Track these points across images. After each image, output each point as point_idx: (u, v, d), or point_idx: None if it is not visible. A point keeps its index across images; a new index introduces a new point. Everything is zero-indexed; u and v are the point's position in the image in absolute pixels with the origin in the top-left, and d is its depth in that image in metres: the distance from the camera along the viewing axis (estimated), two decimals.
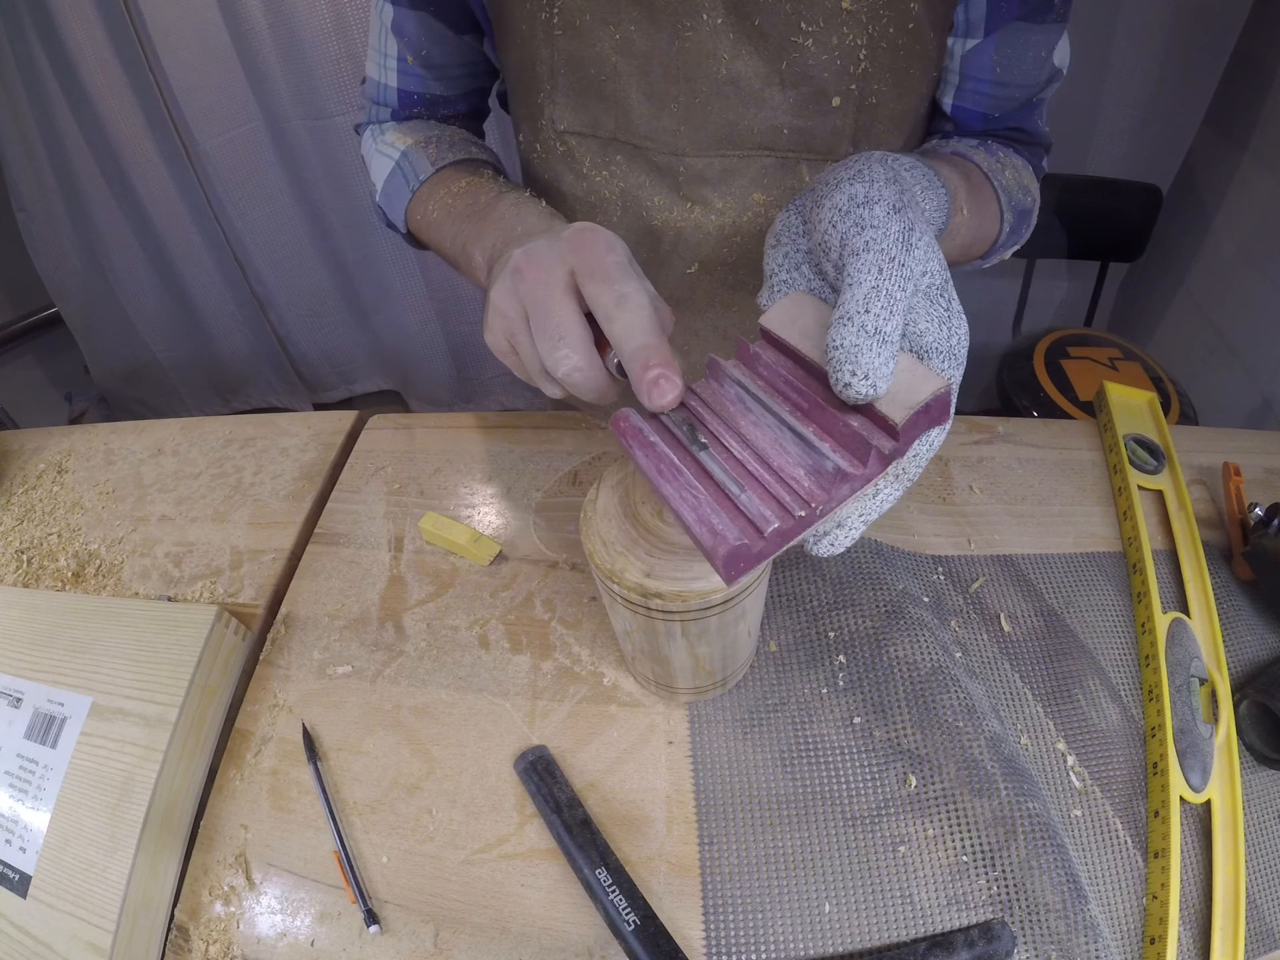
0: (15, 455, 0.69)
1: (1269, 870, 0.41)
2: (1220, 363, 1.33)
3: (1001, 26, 0.46)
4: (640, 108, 0.49)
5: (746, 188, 0.52)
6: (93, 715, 0.43)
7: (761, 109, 0.48)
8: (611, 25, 0.46)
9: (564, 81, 0.50)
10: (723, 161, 0.51)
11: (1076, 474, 0.59)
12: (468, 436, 0.64)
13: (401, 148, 0.55)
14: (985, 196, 0.48)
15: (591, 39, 0.47)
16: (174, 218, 1.60)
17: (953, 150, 0.51)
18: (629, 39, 0.47)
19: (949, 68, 0.50)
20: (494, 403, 1.96)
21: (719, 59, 0.46)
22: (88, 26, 1.33)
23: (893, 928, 0.37)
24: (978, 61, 0.48)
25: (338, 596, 0.53)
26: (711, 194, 0.52)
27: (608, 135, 0.52)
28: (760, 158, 0.50)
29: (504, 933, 0.38)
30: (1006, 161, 0.52)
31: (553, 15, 0.47)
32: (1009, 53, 0.48)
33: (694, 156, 0.51)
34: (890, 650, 0.46)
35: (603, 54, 0.47)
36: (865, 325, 0.25)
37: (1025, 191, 0.53)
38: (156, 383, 1.92)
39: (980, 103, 0.51)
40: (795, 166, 0.51)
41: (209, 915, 0.40)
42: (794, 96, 0.48)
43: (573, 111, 0.51)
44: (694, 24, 0.45)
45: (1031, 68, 0.49)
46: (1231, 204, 1.32)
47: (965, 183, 0.45)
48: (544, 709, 0.46)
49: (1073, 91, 1.32)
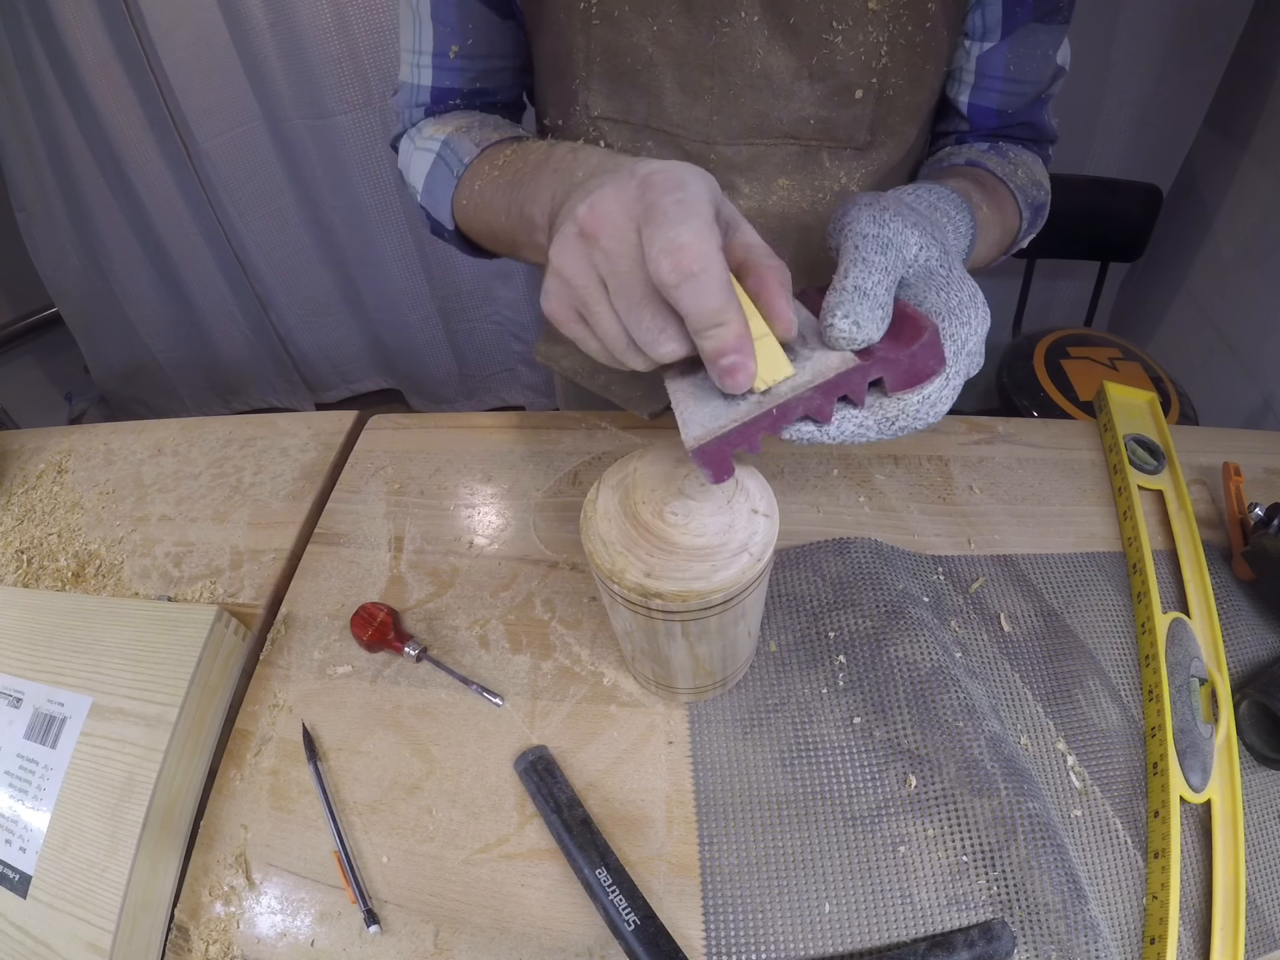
0: (15, 455, 0.69)
1: (1269, 870, 0.41)
2: (1220, 363, 1.33)
3: (1016, 29, 0.49)
4: (674, 97, 0.51)
5: (772, 173, 0.54)
6: (93, 715, 0.43)
7: (790, 101, 0.50)
8: (649, 17, 0.48)
9: (599, 69, 0.51)
10: (751, 149, 0.53)
11: (1076, 474, 0.59)
12: (468, 436, 0.64)
13: (441, 137, 0.52)
14: (1001, 198, 0.51)
15: (629, 29, 0.48)
16: (174, 218, 1.60)
17: (967, 160, 0.54)
18: (666, 31, 0.48)
19: (965, 68, 0.53)
20: (496, 399, 1.96)
21: (754, 53, 0.48)
22: (88, 26, 1.33)
23: (893, 928, 0.37)
24: (993, 61, 0.51)
25: (338, 596, 0.53)
26: (739, 179, 0.54)
27: (640, 122, 0.53)
28: (786, 145, 0.53)
29: (504, 933, 0.38)
30: (1018, 161, 0.55)
31: (590, 5, 0.48)
32: (1021, 51, 0.51)
33: (724, 145, 0.52)
34: (890, 650, 0.46)
35: (639, 44, 0.49)
36: (845, 286, 0.29)
37: (1038, 186, 0.56)
38: (156, 383, 1.92)
39: (994, 100, 0.54)
40: (817, 154, 0.53)
41: (209, 915, 0.40)
42: (821, 89, 0.50)
43: (606, 98, 0.53)
44: (732, 20, 0.47)
45: (1040, 65, 0.52)
46: (1231, 204, 1.32)
47: (978, 189, 0.48)
48: (544, 709, 0.46)
49: (1073, 91, 1.31)
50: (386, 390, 2.02)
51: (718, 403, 0.29)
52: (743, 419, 0.28)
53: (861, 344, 0.29)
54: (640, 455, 0.36)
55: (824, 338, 0.29)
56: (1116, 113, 1.35)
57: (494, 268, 1.67)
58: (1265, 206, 1.22)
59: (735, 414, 0.28)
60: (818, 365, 0.29)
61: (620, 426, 0.64)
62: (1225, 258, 1.33)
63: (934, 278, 0.32)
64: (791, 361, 0.29)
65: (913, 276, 0.33)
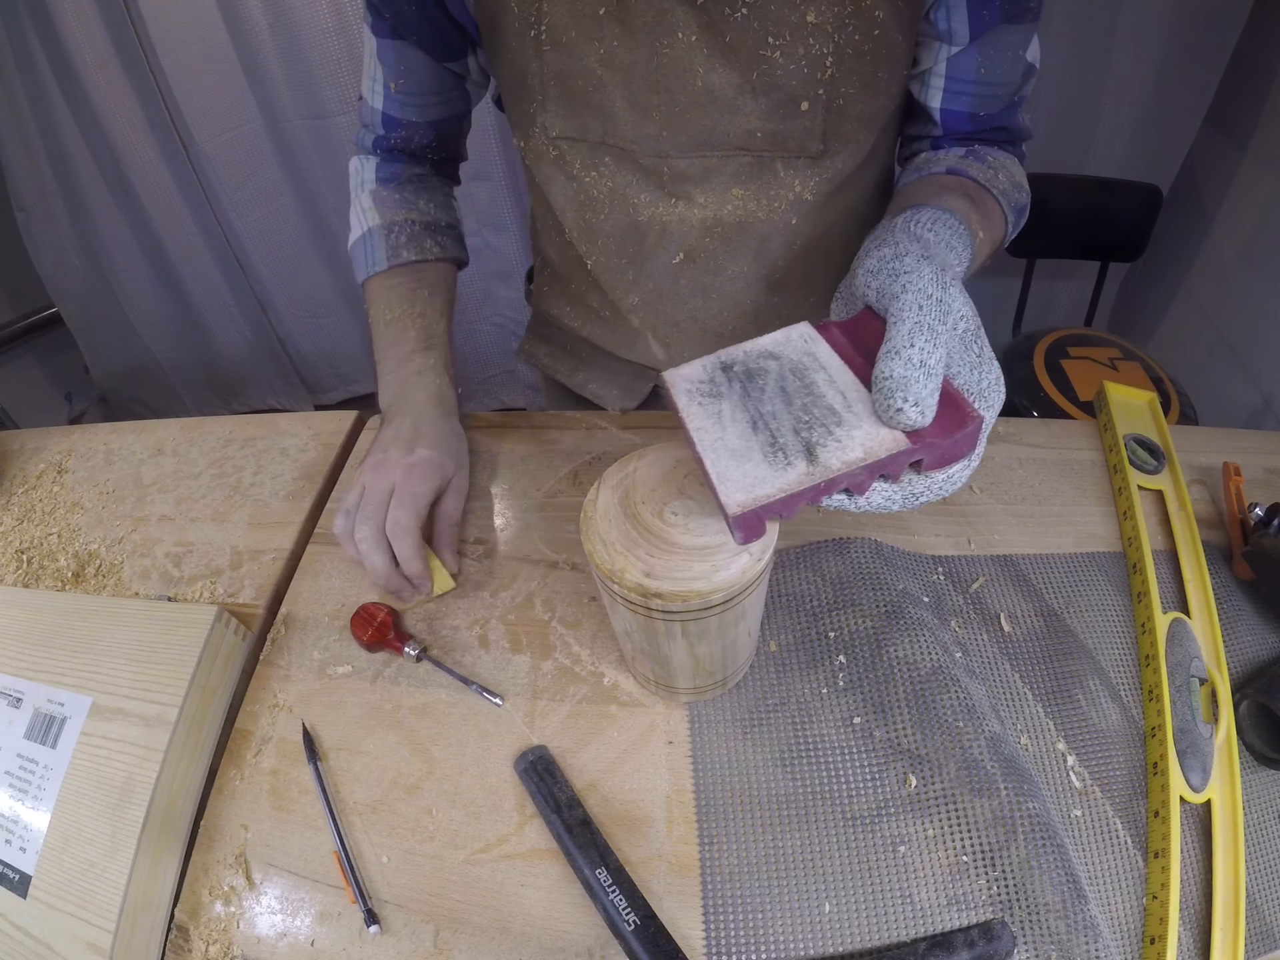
0: (15, 455, 0.69)
1: (1269, 870, 0.41)
2: (1220, 363, 1.33)
3: (985, 32, 0.48)
4: (625, 115, 0.52)
5: (726, 183, 0.55)
6: (93, 715, 0.43)
7: (736, 115, 0.51)
8: (595, 41, 0.49)
9: (554, 92, 0.52)
10: (703, 161, 0.54)
11: (1076, 474, 0.59)
12: (468, 436, 0.64)
13: (369, 225, 0.63)
14: (989, 208, 0.51)
15: (577, 53, 0.50)
16: (174, 218, 1.60)
17: (948, 168, 0.53)
18: (612, 53, 0.49)
19: (935, 72, 0.52)
20: (495, 400, 1.96)
21: (694, 72, 0.49)
22: (88, 26, 1.33)
23: (893, 928, 0.37)
24: (963, 65, 0.51)
25: (338, 596, 0.53)
26: (694, 190, 0.55)
27: (596, 139, 0.54)
28: (737, 157, 0.53)
29: (504, 933, 0.38)
30: (997, 164, 0.54)
31: (540, 32, 0.49)
32: (991, 53, 0.50)
33: (676, 158, 0.53)
34: (890, 650, 0.46)
35: (588, 67, 0.50)
36: (911, 358, 0.27)
37: (1019, 189, 0.55)
38: (156, 383, 1.92)
39: (966, 103, 0.53)
40: (770, 163, 0.54)
41: (209, 915, 0.40)
42: (765, 103, 0.50)
43: (563, 119, 0.54)
44: (670, 41, 0.48)
45: (1010, 65, 0.51)
46: (1231, 204, 1.32)
47: (971, 205, 0.47)
48: (544, 709, 0.46)
49: (1073, 91, 1.32)
50: None
51: (760, 465, 0.28)
52: (790, 490, 0.27)
53: (918, 427, 0.28)
54: (640, 455, 0.36)
55: (880, 413, 0.28)
56: (1116, 113, 1.35)
57: (493, 268, 1.67)
58: (1265, 206, 1.22)
59: (783, 483, 0.27)
60: (869, 442, 0.28)
61: (620, 427, 0.64)
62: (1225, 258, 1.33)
63: (968, 351, 0.31)
64: (836, 426, 0.28)
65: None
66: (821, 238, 0.59)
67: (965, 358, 0.31)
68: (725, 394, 0.30)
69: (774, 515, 0.27)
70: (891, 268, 0.31)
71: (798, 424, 0.29)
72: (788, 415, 0.29)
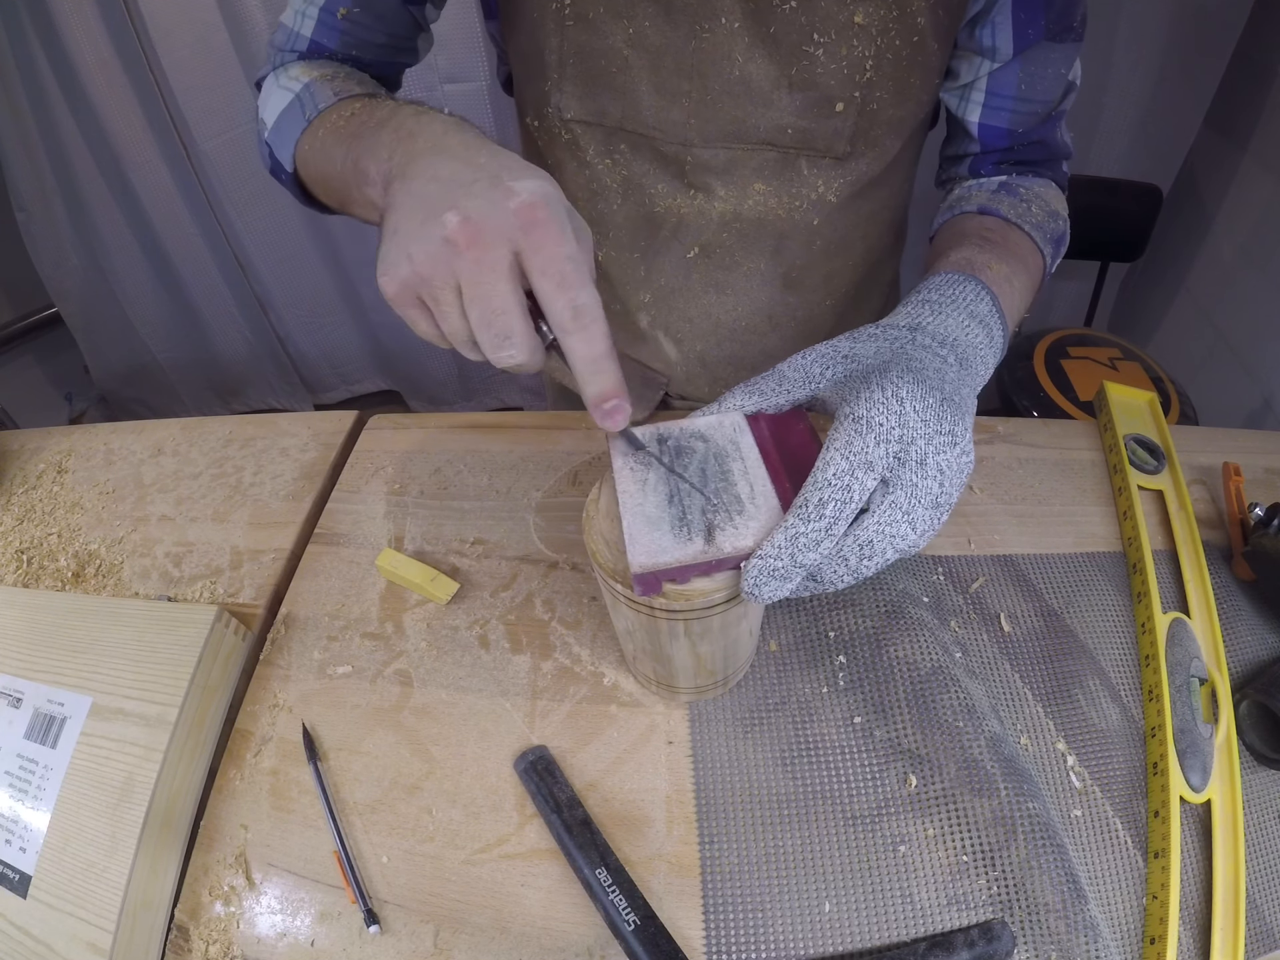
0: (15, 455, 0.69)
1: (1269, 870, 0.41)
2: (1220, 363, 1.33)
3: (1028, 48, 0.48)
4: (649, 99, 0.50)
5: (748, 177, 0.54)
6: (93, 715, 0.43)
7: (769, 109, 0.50)
8: (624, 19, 0.47)
9: (572, 70, 0.51)
10: (728, 153, 0.52)
11: (1076, 474, 0.59)
12: (468, 436, 0.64)
13: (305, 80, 0.50)
14: (1023, 250, 0.50)
15: (603, 31, 0.48)
16: (174, 218, 1.60)
17: (979, 207, 0.53)
18: (642, 33, 0.48)
19: (975, 86, 0.52)
20: (495, 400, 1.96)
21: (733, 60, 0.48)
22: (88, 26, 1.33)
23: (893, 928, 0.37)
24: (1003, 80, 0.50)
25: (338, 596, 0.53)
26: (715, 182, 0.54)
27: (613, 124, 0.53)
28: (764, 151, 0.52)
29: (504, 933, 0.38)
30: (1030, 195, 0.54)
31: (564, 6, 0.48)
32: (1032, 70, 0.50)
33: (700, 148, 0.52)
34: (890, 650, 0.46)
35: (614, 46, 0.48)
36: (798, 537, 0.29)
37: (1055, 218, 0.54)
38: (156, 383, 1.92)
39: (1005, 119, 0.53)
40: (795, 161, 0.53)
41: (209, 915, 0.40)
42: (800, 100, 0.49)
43: (579, 100, 0.52)
44: (712, 25, 0.47)
45: (1052, 84, 0.51)
46: (1231, 204, 1.32)
47: (1007, 257, 0.46)
48: (544, 709, 0.46)
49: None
50: (385, 392, 2.02)
51: (666, 535, 0.30)
52: (685, 562, 0.30)
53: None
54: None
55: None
56: (1116, 113, 1.35)
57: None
58: (1265, 206, 1.22)
59: (680, 555, 0.30)
60: (761, 535, 0.30)
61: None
62: (1225, 258, 1.33)
63: (906, 466, 0.29)
64: (738, 514, 0.31)
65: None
66: (841, 240, 0.58)
67: (901, 472, 0.29)
68: (653, 465, 0.34)
69: (670, 579, 0.30)
70: (855, 371, 0.33)
71: (706, 505, 0.31)
72: (700, 496, 0.32)
